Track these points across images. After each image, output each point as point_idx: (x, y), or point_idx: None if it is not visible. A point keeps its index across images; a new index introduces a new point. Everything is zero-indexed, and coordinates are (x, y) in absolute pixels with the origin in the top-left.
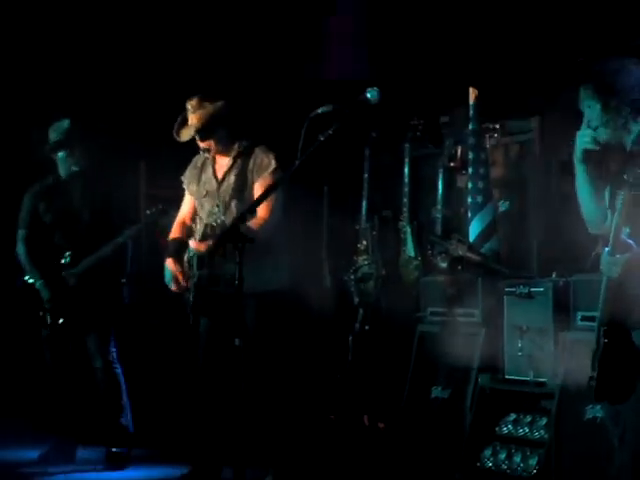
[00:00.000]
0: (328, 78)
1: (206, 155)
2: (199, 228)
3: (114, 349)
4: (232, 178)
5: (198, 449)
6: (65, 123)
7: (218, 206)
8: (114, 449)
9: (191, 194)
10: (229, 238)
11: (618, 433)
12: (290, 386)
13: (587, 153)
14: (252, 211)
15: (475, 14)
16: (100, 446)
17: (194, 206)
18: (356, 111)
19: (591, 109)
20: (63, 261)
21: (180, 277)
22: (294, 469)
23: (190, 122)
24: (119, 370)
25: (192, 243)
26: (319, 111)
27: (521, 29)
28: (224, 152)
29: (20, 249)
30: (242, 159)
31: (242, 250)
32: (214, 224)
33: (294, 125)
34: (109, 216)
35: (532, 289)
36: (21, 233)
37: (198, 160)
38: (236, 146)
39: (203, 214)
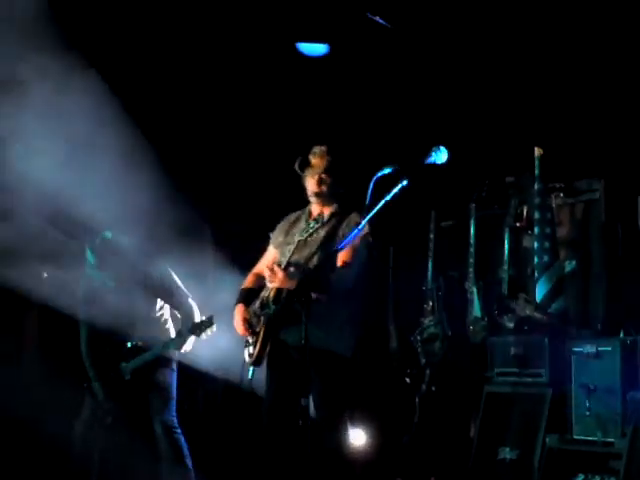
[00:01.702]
0: None
1: (312, 200)
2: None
3: (174, 414)
4: (322, 232)
5: None
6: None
7: (302, 254)
8: None
9: (276, 246)
10: (306, 285)
11: None
12: (357, 448)
13: None
14: (330, 259)
15: (542, 76)
16: None
17: (274, 260)
18: (422, 171)
19: None
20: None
21: (249, 320)
22: None
23: (314, 164)
24: (180, 435)
25: (268, 270)
26: (385, 171)
27: (588, 90)
28: (325, 204)
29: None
30: (337, 218)
31: (311, 304)
32: (292, 262)
33: (358, 186)
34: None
35: (599, 348)
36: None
37: (292, 216)
38: (335, 205)
39: (283, 257)
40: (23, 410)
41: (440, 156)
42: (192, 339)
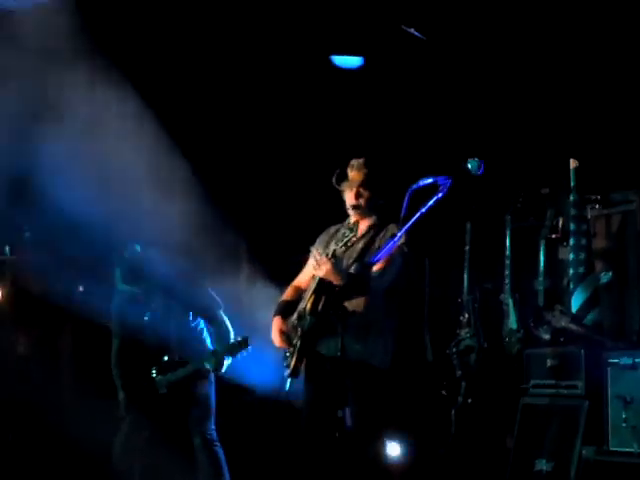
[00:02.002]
0: None
1: (350, 212)
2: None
3: (213, 427)
4: (360, 244)
5: None
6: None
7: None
8: None
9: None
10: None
11: None
12: (394, 460)
13: None
14: (367, 269)
15: (578, 88)
16: None
17: (313, 276)
18: (458, 182)
19: None
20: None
21: (286, 332)
22: None
23: (351, 177)
24: (219, 448)
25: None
26: (421, 183)
27: (623, 101)
28: (364, 217)
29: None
30: (375, 230)
31: (346, 316)
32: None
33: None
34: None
35: (636, 359)
36: (116, 343)
37: (332, 228)
38: (374, 217)
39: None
40: (64, 427)
41: (476, 167)
42: (228, 360)
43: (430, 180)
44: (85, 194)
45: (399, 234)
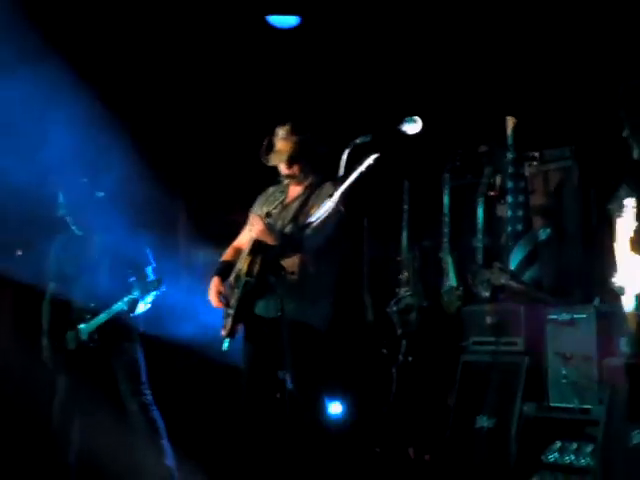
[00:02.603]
0: None
1: (285, 182)
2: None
3: (147, 390)
4: (296, 204)
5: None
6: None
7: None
8: None
9: None
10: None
11: None
12: (335, 419)
13: None
14: (302, 231)
15: (512, 44)
16: None
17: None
18: (395, 141)
19: None
20: (82, 317)
21: (223, 292)
22: None
23: (278, 147)
24: (156, 411)
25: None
26: (357, 141)
27: (559, 57)
28: (300, 182)
29: (45, 307)
30: (311, 190)
31: (285, 277)
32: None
33: (332, 156)
34: (126, 271)
35: (575, 316)
36: (51, 286)
37: (269, 190)
38: (311, 178)
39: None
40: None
41: (413, 126)
42: (142, 301)
43: (367, 138)
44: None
45: (336, 194)
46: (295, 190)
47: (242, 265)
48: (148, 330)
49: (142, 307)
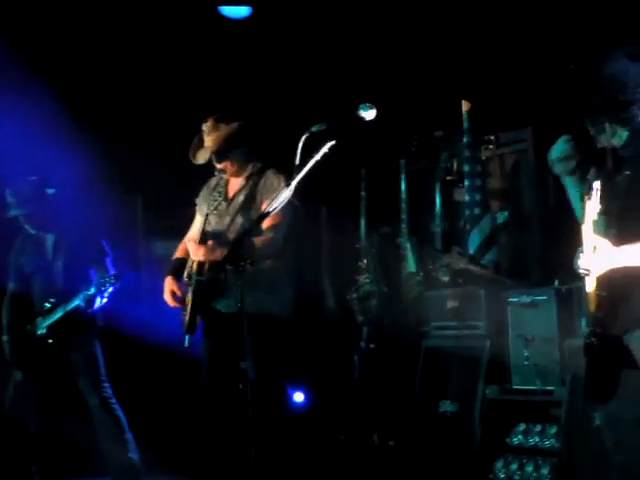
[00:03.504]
0: None
1: (222, 176)
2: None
3: (107, 384)
4: (241, 197)
5: (206, 474)
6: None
7: (221, 220)
8: None
9: (202, 214)
10: (233, 255)
11: (613, 437)
12: (299, 407)
13: None
14: (258, 224)
15: (464, 28)
16: None
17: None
18: (350, 128)
19: None
20: (40, 313)
21: (177, 293)
22: None
23: (206, 144)
24: (116, 405)
25: (190, 246)
26: (313, 129)
27: (510, 40)
28: (238, 173)
29: (5, 305)
30: (253, 180)
31: (243, 269)
32: (210, 231)
33: (287, 145)
34: (83, 265)
35: (535, 298)
36: (10, 286)
37: (212, 181)
38: (249, 167)
39: (204, 228)
40: None
41: (368, 112)
42: (99, 298)
43: (323, 126)
44: None
45: (292, 184)
46: (236, 182)
47: (192, 264)
48: (108, 324)
49: (99, 302)
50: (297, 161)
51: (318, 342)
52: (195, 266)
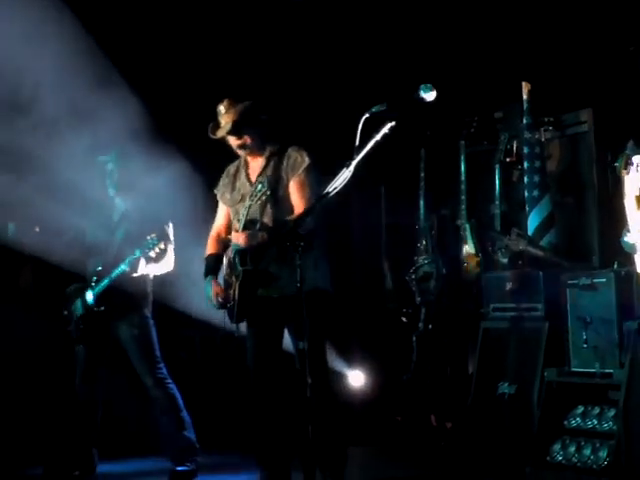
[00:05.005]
0: None
1: (241, 153)
2: (238, 227)
3: (161, 364)
4: (266, 179)
5: (266, 454)
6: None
7: (252, 207)
8: (179, 468)
9: (225, 203)
10: (287, 239)
11: None
12: (357, 388)
13: None
14: (302, 219)
15: (526, 9)
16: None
17: (229, 218)
18: (410, 109)
19: None
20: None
21: (221, 294)
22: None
23: (223, 122)
24: (172, 384)
25: (234, 236)
26: (373, 110)
27: (571, 22)
28: (257, 153)
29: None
30: (275, 159)
31: (300, 252)
32: (245, 218)
33: (346, 125)
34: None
35: (594, 280)
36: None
37: (230, 169)
38: (269, 147)
39: (238, 219)
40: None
41: (428, 93)
42: (143, 261)
43: (383, 107)
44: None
45: (353, 164)
46: (256, 164)
47: (234, 254)
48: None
49: (146, 266)
50: (357, 142)
51: (376, 323)
52: (238, 258)
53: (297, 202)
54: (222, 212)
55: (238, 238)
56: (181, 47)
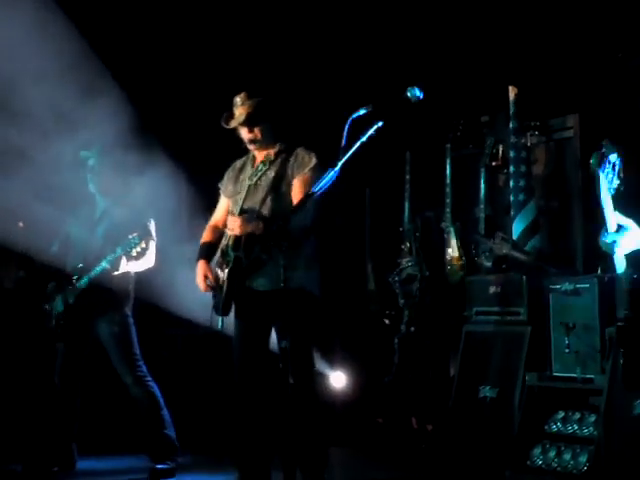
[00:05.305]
0: None
1: (250, 148)
2: (236, 212)
3: (141, 363)
4: (271, 173)
5: (245, 454)
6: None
7: (254, 199)
8: (159, 466)
9: (227, 196)
10: (272, 238)
11: None
12: (338, 389)
13: None
14: (304, 204)
15: (514, 14)
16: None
17: (228, 211)
18: (397, 111)
19: None
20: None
21: (210, 277)
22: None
23: (238, 114)
24: (152, 383)
25: (230, 220)
26: (360, 112)
27: (559, 27)
28: (266, 149)
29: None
30: (283, 157)
31: (286, 248)
32: (244, 207)
33: (334, 127)
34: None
35: (577, 285)
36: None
37: (237, 163)
38: (278, 144)
39: (237, 204)
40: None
41: (415, 96)
42: (124, 259)
43: (369, 109)
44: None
45: (339, 165)
46: (266, 155)
47: (227, 240)
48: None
49: (127, 264)
50: (343, 142)
51: (359, 324)
52: (231, 241)
53: (297, 200)
54: (222, 204)
55: (234, 221)
56: (169, 48)
